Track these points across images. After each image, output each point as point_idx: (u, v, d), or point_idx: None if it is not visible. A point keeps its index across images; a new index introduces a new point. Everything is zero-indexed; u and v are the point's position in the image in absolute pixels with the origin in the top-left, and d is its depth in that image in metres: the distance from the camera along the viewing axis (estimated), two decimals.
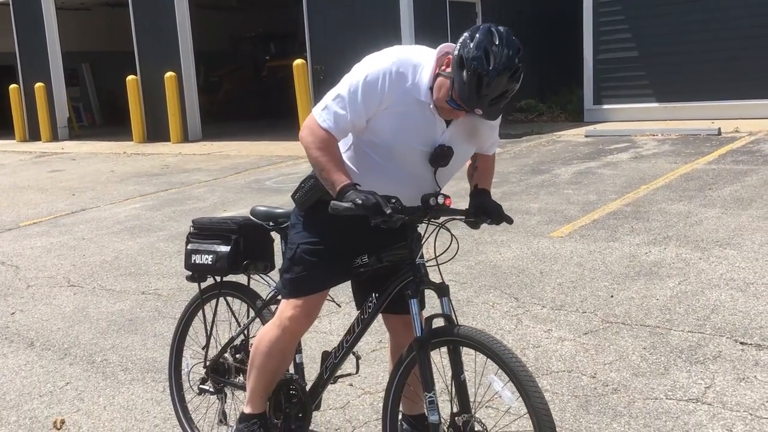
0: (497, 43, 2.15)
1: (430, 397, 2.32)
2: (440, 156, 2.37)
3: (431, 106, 2.32)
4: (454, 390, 2.37)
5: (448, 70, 2.24)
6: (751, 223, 5.92)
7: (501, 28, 2.21)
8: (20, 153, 16.39)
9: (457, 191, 3.25)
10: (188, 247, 2.98)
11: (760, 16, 11.98)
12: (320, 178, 2.36)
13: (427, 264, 2.46)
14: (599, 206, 6.92)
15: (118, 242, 6.93)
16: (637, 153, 9.97)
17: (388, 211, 2.18)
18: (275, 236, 2.90)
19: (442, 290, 2.40)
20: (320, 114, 2.36)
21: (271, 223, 2.83)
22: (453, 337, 2.33)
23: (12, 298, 5.46)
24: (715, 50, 12.40)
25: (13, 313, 5.10)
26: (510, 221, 2.49)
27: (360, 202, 2.18)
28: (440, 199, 2.31)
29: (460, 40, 2.21)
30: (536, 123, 14.29)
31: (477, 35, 2.18)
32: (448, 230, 2.42)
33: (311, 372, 2.98)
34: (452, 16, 14.19)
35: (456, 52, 2.20)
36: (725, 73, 12.31)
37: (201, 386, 3.10)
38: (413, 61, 2.33)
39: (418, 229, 2.46)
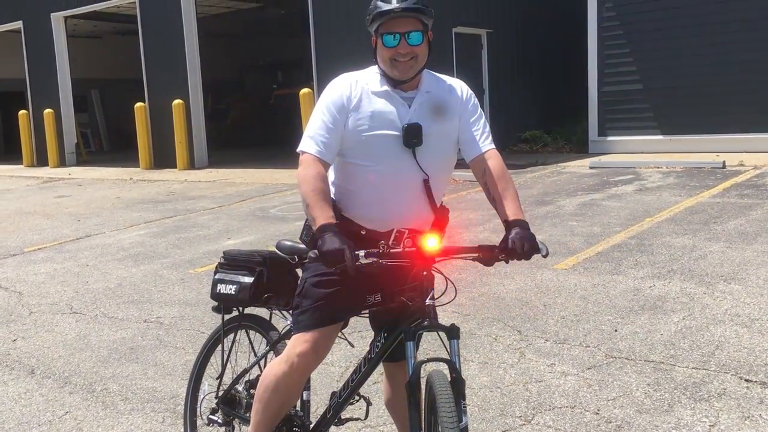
0: None
1: None
2: (410, 133, 2.45)
3: (390, 90, 2.49)
4: None
5: (375, 48, 2.51)
6: (756, 258, 5.90)
7: None
8: (27, 178, 16.49)
9: (459, 222, 3.24)
10: (215, 276, 3.01)
11: (766, 50, 12.05)
12: (306, 214, 2.41)
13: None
14: (603, 239, 6.91)
15: (122, 269, 6.93)
16: (641, 185, 9.97)
17: (347, 256, 2.17)
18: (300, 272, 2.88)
19: (452, 332, 2.33)
20: (303, 144, 2.50)
21: (296, 258, 2.78)
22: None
23: (14, 324, 5.46)
24: (720, 84, 12.45)
25: (14, 340, 5.09)
26: (525, 257, 2.40)
27: (322, 246, 2.21)
28: (408, 242, 2.34)
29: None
30: (541, 154, 14.33)
31: None
32: (441, 273, 2.39)
33: (314, 405, 2.95)
34: (458, 47, 14.31)
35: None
36: (730, 106, 12.36)
37: (210, 416, 3.09)
38: (360, 71, 2.59)
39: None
